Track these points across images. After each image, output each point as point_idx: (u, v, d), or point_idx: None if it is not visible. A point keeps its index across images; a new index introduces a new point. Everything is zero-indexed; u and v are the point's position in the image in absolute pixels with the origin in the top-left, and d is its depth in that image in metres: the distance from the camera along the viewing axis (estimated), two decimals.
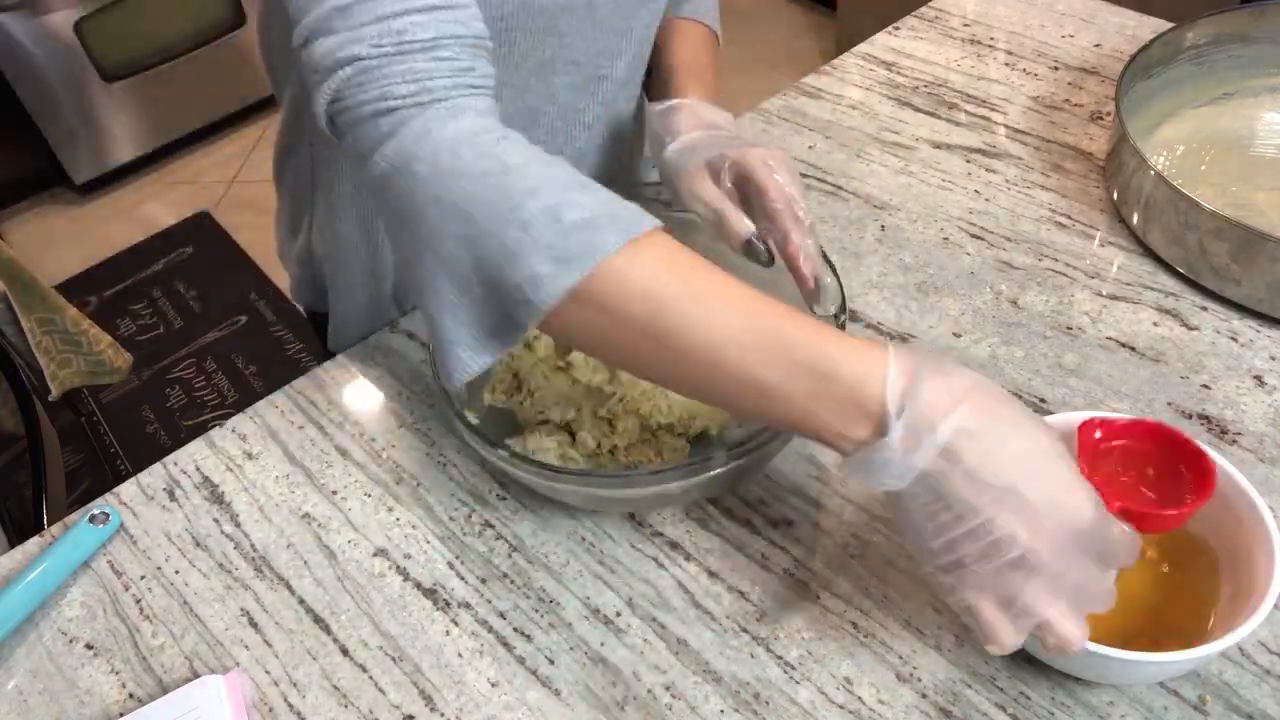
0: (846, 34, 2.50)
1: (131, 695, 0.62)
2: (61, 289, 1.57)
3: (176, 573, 0.68)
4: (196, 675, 0.62)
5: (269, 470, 0.74)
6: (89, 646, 0.65)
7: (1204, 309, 0.76)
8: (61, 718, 0.62)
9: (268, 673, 0.62)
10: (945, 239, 0.85)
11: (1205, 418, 0.69)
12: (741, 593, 0.63)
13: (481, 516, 0.69)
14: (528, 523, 0.68)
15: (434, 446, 0.74)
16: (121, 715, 0.61)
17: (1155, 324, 0.76)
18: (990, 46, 1.05)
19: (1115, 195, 0.84)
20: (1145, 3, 1.09)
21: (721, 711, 0.58)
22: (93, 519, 0.70)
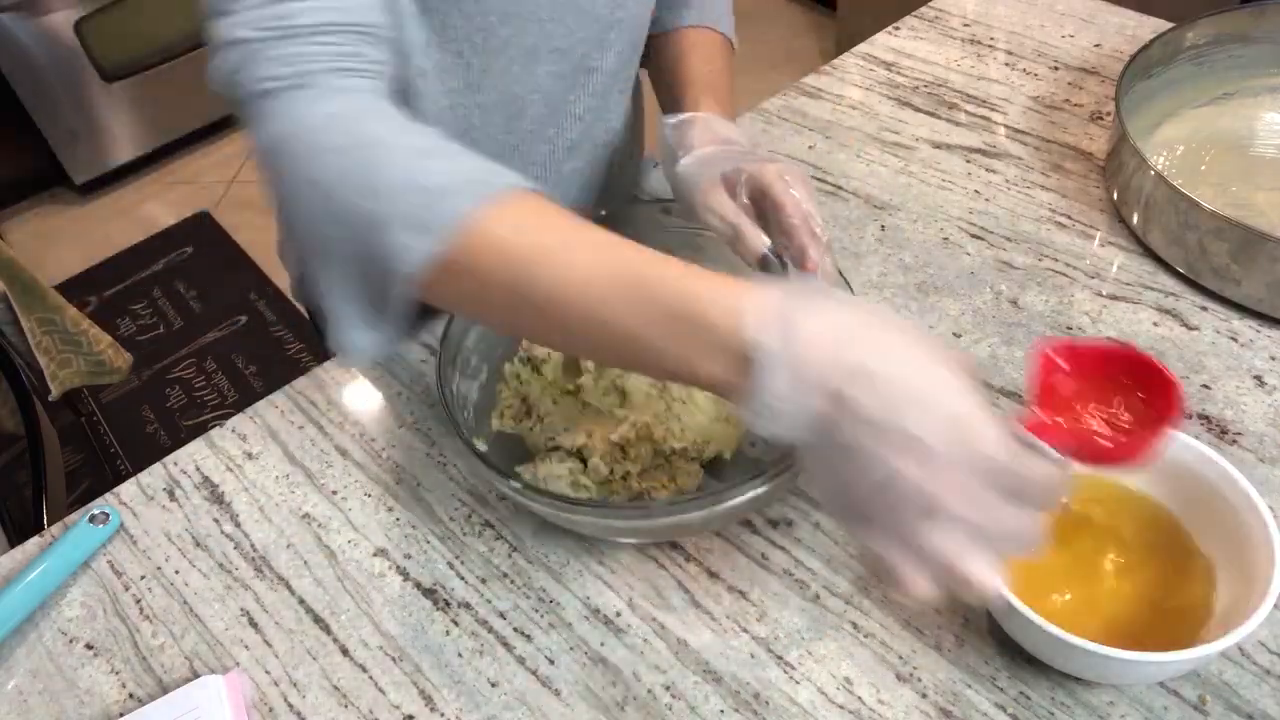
0: (846, 34, 2.50)
1: (131, 695, 0.62)
2: (61, 289, 1.57)
3: (176, 573, 0.68)
4: (196, 675, 0.62)
5: (269, 470, 0.74)
6: (89, 646, 0.65)
7: (1204, 309, 0.76)
8: (61, 718, 0.62)
9: (268, 673, 0.62)
10: (945, 239, 0.85)
11: (1205, 418, 0.69)
12: (741, 593, 0.63)
13: (481, 516, 0.69)
14: (528, 523, 0.68)
15: (434, 446, 0.74)
16: (121, 715, 0.61)
17: (1155, 324, 0.76)
18: (990, 46, 1.05)
19: (1115, 195, 0.84)
20: (1145, 3, 1.09)
21: (721, 711, 0.58)
22: (93, 519, 0.70)
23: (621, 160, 0.91)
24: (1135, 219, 0.81)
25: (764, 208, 0.63)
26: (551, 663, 0.61)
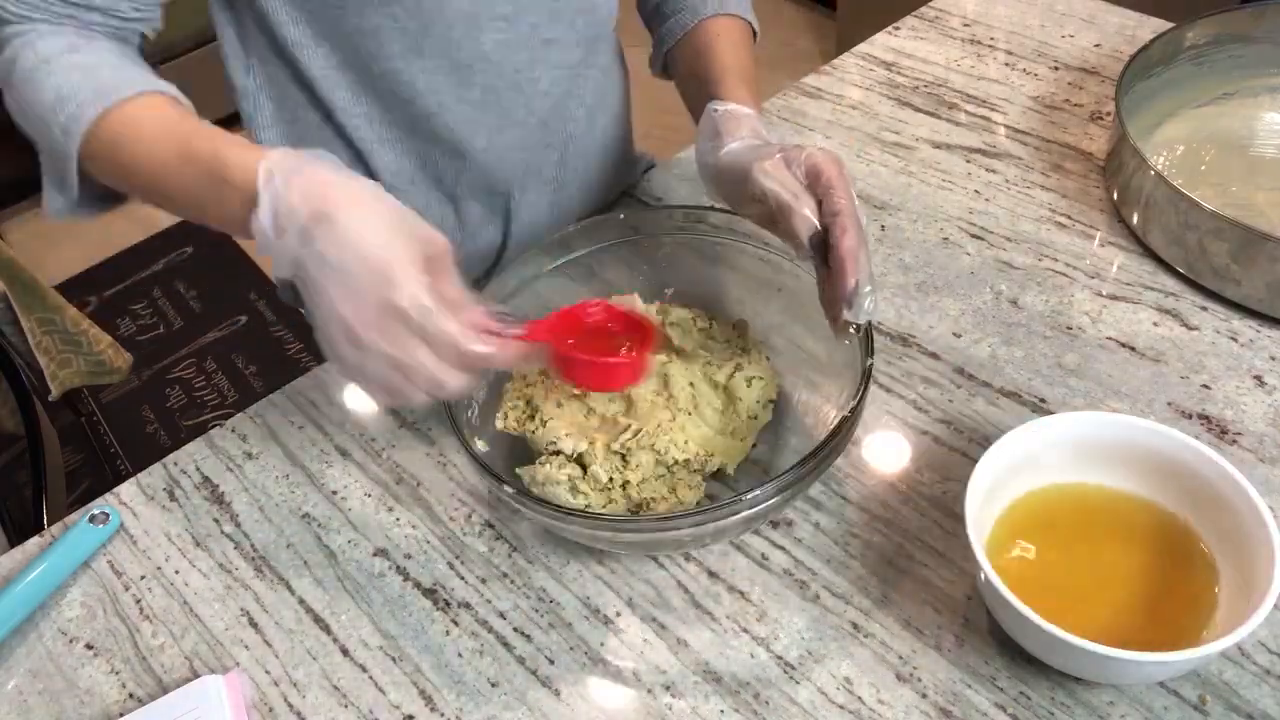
0: (846, 34, 2.50)
1: (131, 695, 0.62)
2: (61, 289, 1.57)
3: (176, 573, 0.68)
4: (196, 675, 0.62)
5: (269, 470, 0.74)
6: (89, 646, 0.65)
7: (1204, 309, 0.76)
8: (61, 718, 0.62)
9: (268, 673, 0.62)
10: (945, 239, 0.85)
11: (1205, 418, 0.69)
12: (741, 593, 0.63)
13: (481, 516, 0.69)
14: (528, 523, 0.68)
15: (434, 446, 0.74)
16: (121, 715, 0.61)
17: (1155, 324, 0.76)
18: (990, 46, 1.05)
19: (1115, 195, 0.84)
20: (1145, 3, 1.09)
21: (721, 711, 0.58)
22: (93, 519, 0.70)
23: (611, 153, 0.90)
24: (1135, 219, 0.81)
25: (815, 190, 0.61)
26: (551, 663, 0.61)
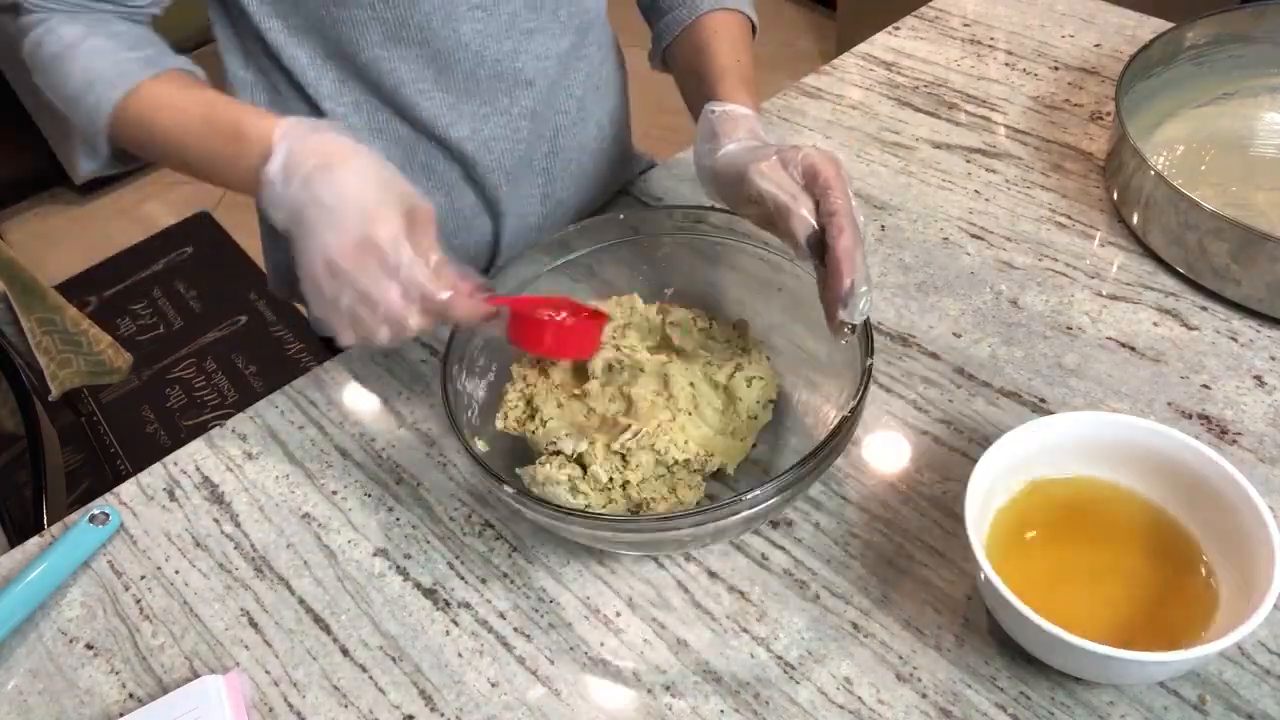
0: (846, 34, 2.50)
1: (131, 695, 0.62)
2: (61, 289, 1.57)
3: (176, 573, 0.68)
4: (196, 675, 0.62)
5: (269, 470, 0.74)
6: (89, 646, 0.65)
7: (1204, 309, 0.76)
8: (61, 718, 0.62)
9: (268, 673, 0.62)
10: (945, 239, 0.85)
11: (1205, 418, 0.69)
12: (741, 593, 0.63)
13: (481, 516, 0.69)
14: (528, 523, 0.68)
15: (434, 446, 0.74)
16: (121, 715, 0.61)
17: (1155, 324, 0.76)
18: (990, 46, 1.05)
19: (1115, 195, 0.84)
20: (1145, 3, 1.09)
21: (721, 711, 0.58)
22: (93, 519, 0.70)
23: (606, 147, 0.90)
24: (1135, 219, 0.81)
25: (812, 190, 0.62)
26: (551, 663, 0.61)
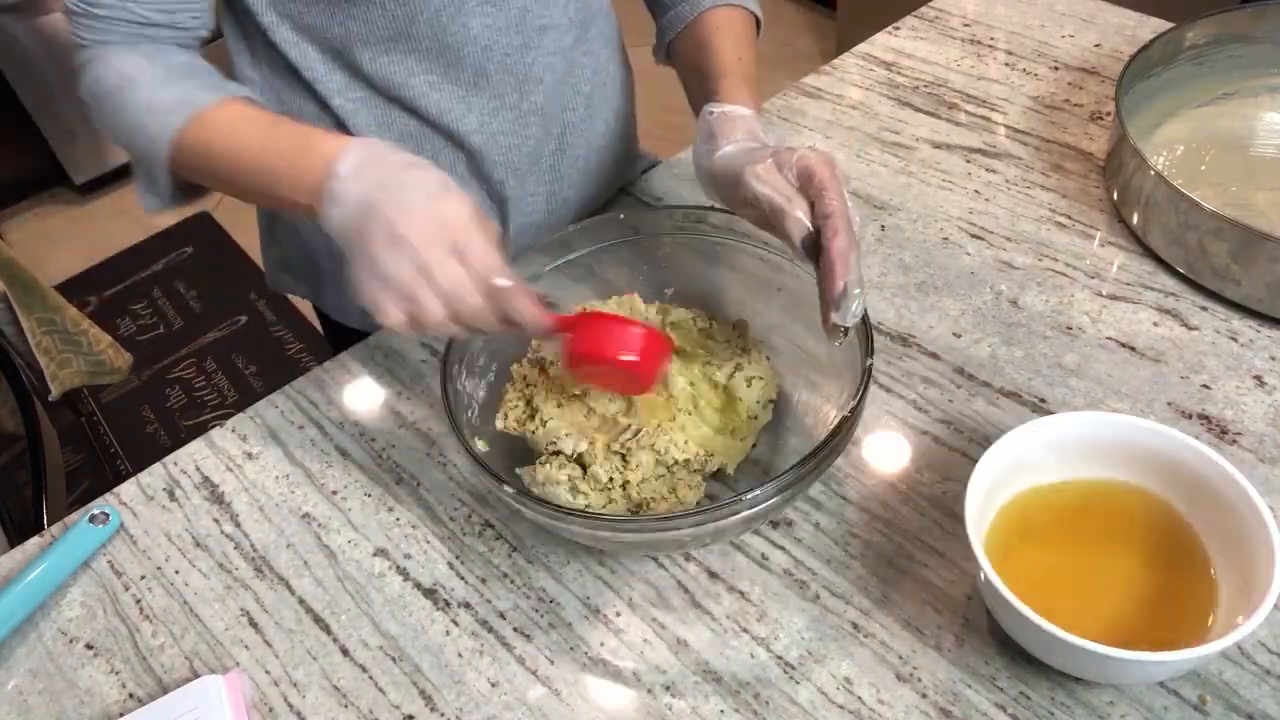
0: (846, 34, 2.50)
1: (131, 695, 0.62)
2: (61, 289, 1.57)
3: (176, 573, 0.68)
4: (196, 675, 0.62)
5: (269, 470, 0.74)
6: (89, 646, 0.65)
7: (1204, 309, 0.76)
8: (61, 718, 0.62)
9: (268, 673, 0.62)
10: (945, 239, 0.85)
11: (1205, 418, 0.69)
12: (741, 593, 0.63)
13: (481, 516, 0.69)
14: (528, 523, 0.68)
15: (434, 446, 0.74)
16: (121, 715, 0.61)
17: (1155, 324, 0.76)
18: (990, 46, 1.06)
19: (1115, 195, 0.84)
20: (1145, 3, 1.09)
21: (721, 711, 0.58)
22: (93, 519, 0.70)
23: (612, 146, 0.90)
24: (1135, 219, 0.81)
25: (807, 192, 0.62)
26: (551, 663, 0.61)
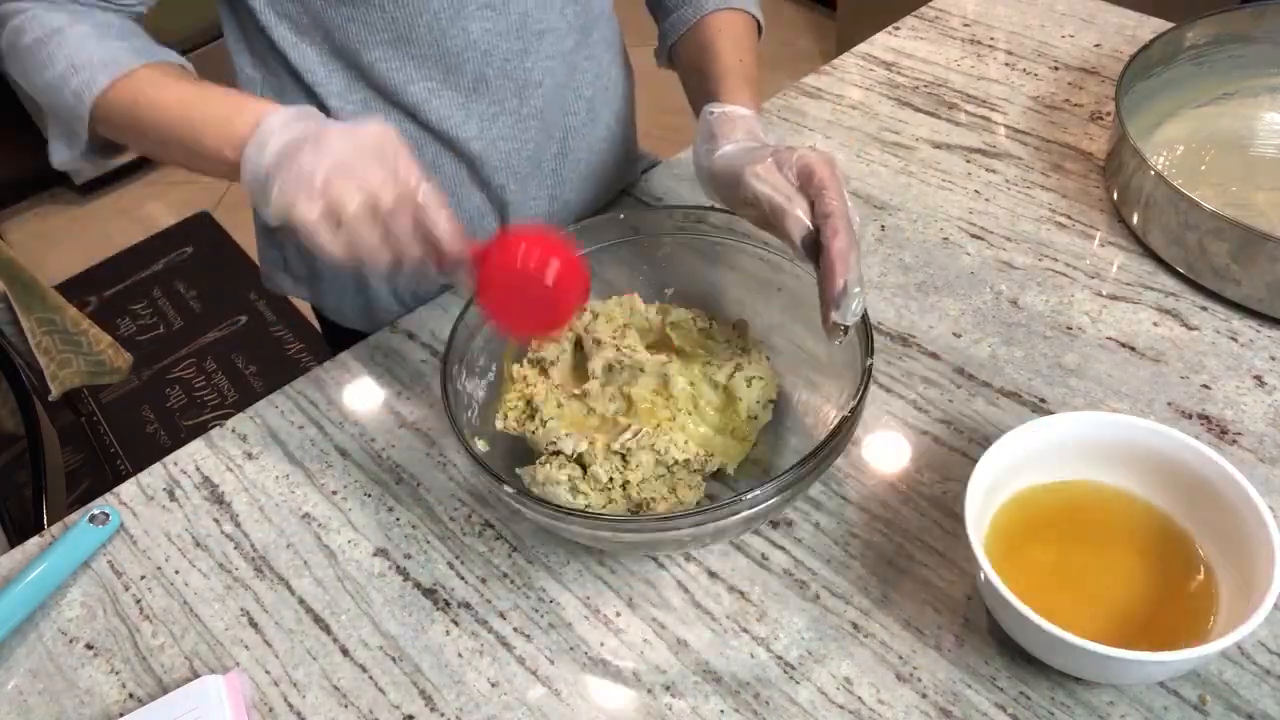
0: (846, 34, 2.50)
1: (131, 695, 0.62)
2: (61, 289, 1.57)
3: (176, 573, 0.68)
4: (196, 675, 0.62)
5: (269, 470, 0.74)
6: (89, 646, 0.65)
7: (1204, 309, 0.76)
8: (61, 718, 0.62)
9: (268, 673, 0.62)
10: (945, 239, 0.85)
11: (1205, 418, 0.69)
12: (741, 593, 0.63)
13: (481, 516, 0.69)
14: (528, 523, 0.68)
15: (434, 446, 0.74)
16: (121, 715, 0.61)
17: (1155, 324, 0.76)
18: (990, 46, 1.05)
19: (1115, 195, 0.84)
20: (1145, 3, 1.09)
21: (721, 711, 0.58)
22: (93, 519, 0.70)
23: (613, 149, 0.90)
24: (1135, 219, 0.81)
25: (807, 191, 0.62)
26: (551, 663, 0.61)
